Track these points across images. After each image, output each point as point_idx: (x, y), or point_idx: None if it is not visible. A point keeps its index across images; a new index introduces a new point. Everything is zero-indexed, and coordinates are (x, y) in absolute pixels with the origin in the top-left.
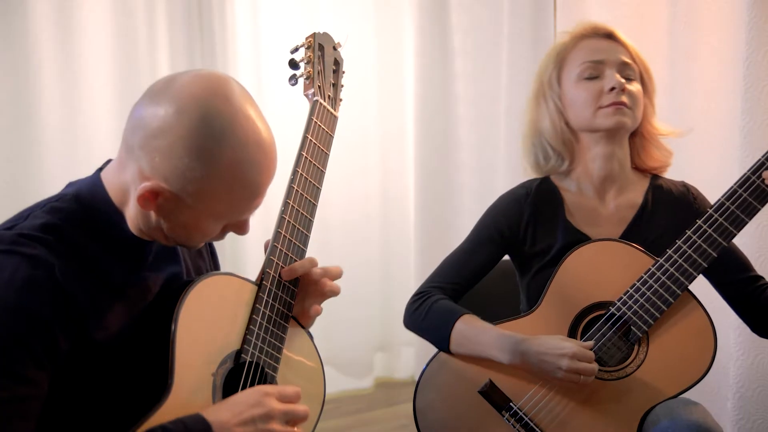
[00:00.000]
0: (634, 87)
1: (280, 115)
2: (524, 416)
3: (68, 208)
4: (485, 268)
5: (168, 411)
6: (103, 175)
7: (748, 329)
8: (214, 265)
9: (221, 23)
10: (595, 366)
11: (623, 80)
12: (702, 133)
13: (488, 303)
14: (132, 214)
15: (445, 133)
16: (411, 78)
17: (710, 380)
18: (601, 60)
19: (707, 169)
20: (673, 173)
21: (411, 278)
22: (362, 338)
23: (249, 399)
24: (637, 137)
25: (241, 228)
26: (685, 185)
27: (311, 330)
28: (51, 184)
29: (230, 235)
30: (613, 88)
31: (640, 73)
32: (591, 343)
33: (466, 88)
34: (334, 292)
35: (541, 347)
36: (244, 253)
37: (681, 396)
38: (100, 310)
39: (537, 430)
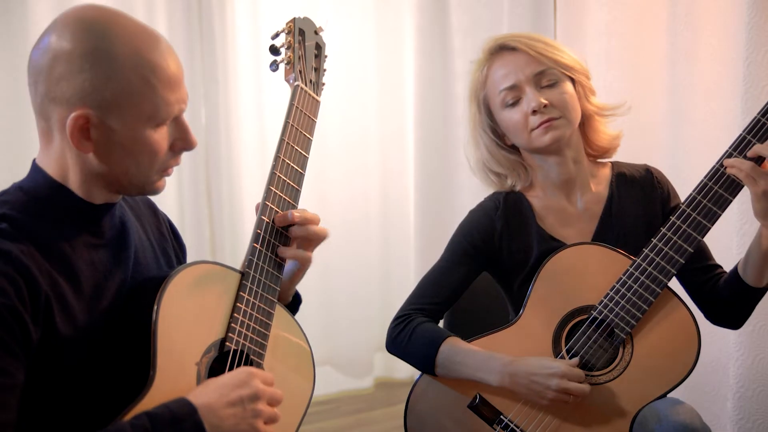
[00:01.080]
0: (559, 91)
1: (280, 116)
2: (516, 428)
3: (14, 199)
4: (463, 285)
5: (151, 401)
6: (38, 161)
7: (748, 329)
8: (179, 245)
9: (221, 23)
10: (586, 387)
11: (542, 99)
12: (702, 133)
13: (483, 309)
14: (77, 178)
15: (445, 133)
16: (411, 78)
17: (710, 380)
18: (514, 84)
19: (707, 168)
20: (672, 173)
21: (411, 278)
22: (362, 338)
23: (234, 380)
24: (584, 121)
25: (186, 138)
26: (648, 169)
27: (309, 331)
28: None
29: (229, 233)
30: (535, 111)
31: (560, 70)
32: (576, 360)
33: (466, 88)
34: (323, 235)
35: (530, 368)
36: (243, 252)
37: (668, 396)
38: (63, 296)
39: None
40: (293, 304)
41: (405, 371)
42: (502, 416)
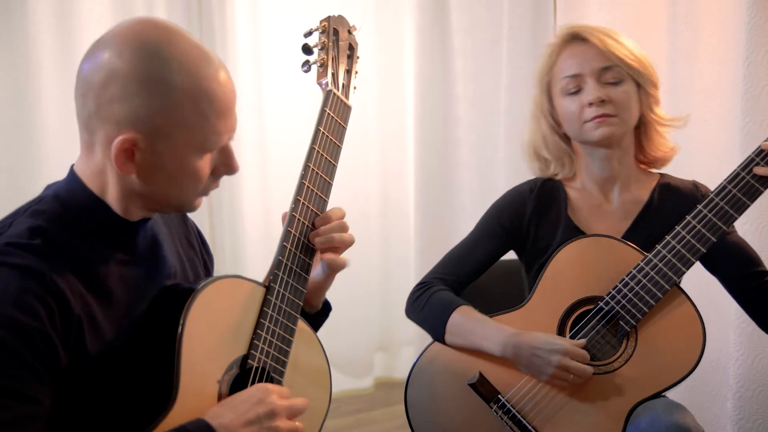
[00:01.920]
0: (619, 90)
1: (280, 116)
2: (512, 408)
3: (50, 209)
4: (487, 261)
5: (174, 420)
6: (76, 168)
7: (748, 329)
8: (207, 255)
9: (221, 23)
10: (588, 368)
11: (600, 94)
12: (702, 133)
13: (491, 301)
14: (116, 195)
15: (445, 133)
16: (411, 78)
17: (710, 380)
18: (578, 73)
19: (707, 168)
20: (672, 172)
21: (411, 278)
22: (362, 338)
23: (251, 397)
24: (641, 127)
25: (229, 164)
26: (694, 184)
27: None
28: None
29: (230, 234)
30: (591, 104)
31: (627, 70)
32: (583, 341)
33: (465, 88)
34: (349, 242)
35: (534, 341)
36: (243, 253)
37: (666, 398)
38: (94, 316)
39: (524, 422)
40: (323, 311)
41: (405, 371)
42: (499, 396)
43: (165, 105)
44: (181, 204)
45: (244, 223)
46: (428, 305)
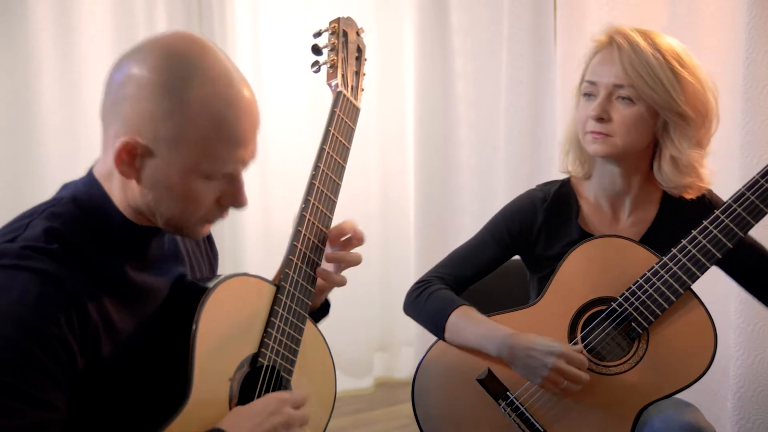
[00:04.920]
0: (627, 112)
1: (280, 116)
2: (520, 406)
3: (67, 212)
4: (490, 265)
5: (186, 419)
6: (95, 170)
7: (748, 329)
8: (212, 252)
9: (221, 23)
10: (583, 375)
11: (598, 111)
12: None
13: (491, 301)
14: (121, 200)
15: (445, 134)
16: (411, 78)
17: (710, 380)
18: (594, 81)
19: (707, 168)
20: None
21: (411, 278)
22: (362, 338)
23: (267, 407)
24: (656, 153)
25: (236, 196)
26: (703, 193)
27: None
28: (51, 184)
29: (230, 234)
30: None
31: (641, 94)
32: (580, 347)
33: (466, 88)
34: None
35: (530, 343)
36: (243, 253)
37: (675, 397)
38: (109, 318)
39: (532, 420)
40: (322, 310)
41: (405, 371)
42: (508, 392)
43: (174, 117)
44: (181, 227)
45: (244, 223)
46: (427, 304)
